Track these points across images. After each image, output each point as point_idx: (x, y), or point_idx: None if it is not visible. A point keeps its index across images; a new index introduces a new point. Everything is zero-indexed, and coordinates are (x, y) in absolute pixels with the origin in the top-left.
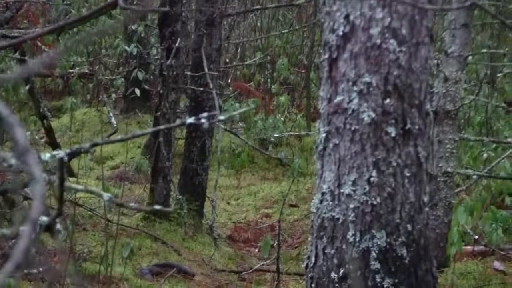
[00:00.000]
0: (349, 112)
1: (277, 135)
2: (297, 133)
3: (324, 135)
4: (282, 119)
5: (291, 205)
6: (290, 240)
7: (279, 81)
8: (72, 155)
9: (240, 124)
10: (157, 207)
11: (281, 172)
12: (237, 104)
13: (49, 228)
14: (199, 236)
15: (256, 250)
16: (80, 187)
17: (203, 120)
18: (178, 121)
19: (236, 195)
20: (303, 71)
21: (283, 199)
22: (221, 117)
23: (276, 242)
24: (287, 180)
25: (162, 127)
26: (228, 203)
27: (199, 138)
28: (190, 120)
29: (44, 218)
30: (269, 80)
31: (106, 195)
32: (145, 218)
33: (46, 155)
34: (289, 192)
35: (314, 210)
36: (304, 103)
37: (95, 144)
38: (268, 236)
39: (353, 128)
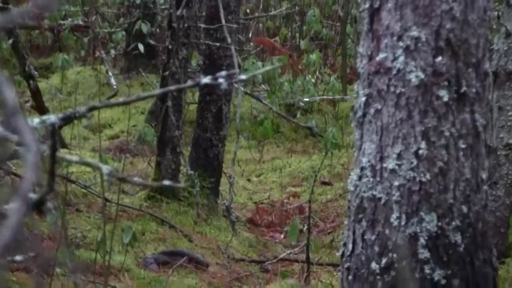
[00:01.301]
0: (394, 72)
1: (307, 100)
2: (330, 98)
3: (363, 99)
4: (312, 80)
5: (324, 183)
6: (322, 224)
7: (309, 35)
8: (65, 120)
9: (263, 86)
10: (166, 182)
11: (312, 144)
12: (259, 63)
13: (37, 208)
14: (214, 219)
15: (282, 236)
16: (74, 158)
17: (220, 80)
18: (190, 82)
19: (258, 170)
20: (337, 23)
21: (314, 176)
22: (242, 77)
23: (305, 227)
24: (318, 153)
25: (171, 88)
26: (249, 180)
27: (214, 103)
28: (205, 80)
29: (33, 195)
30: (297, 34)
31: (105, 168)
32: (150, 197)
33: (35, 121)
34: (321, 167)
35: (352, 189)
36: (339, 62)
37: (93, 108)
38: (296, 219)
39: (398, 91)
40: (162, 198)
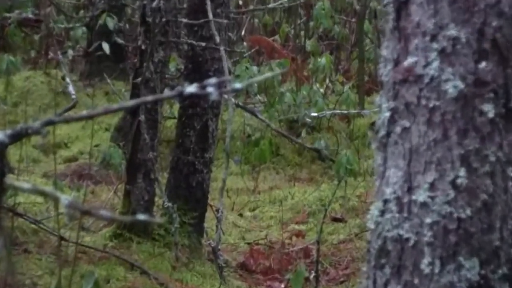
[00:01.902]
0: (426, 80)
1: (314, 115)
2: (344, 112)
3: (387, 114)
4: (321, 90)
5: (335, 219)
6: (333, 271)
7: (317, 34)
8: (14, 138)
9: (258, 97)
10: (139, 216)
11: (320, 170)
12: (254, 68)
13: None
14: (197, 264)
15: (282, 286)
16: (26, 185)
17: (209, 89)
18: (169, 91)
19: (252, 203)
20: (353, 19)
21: (323, 210)
22: (237, 85)
23: (312, 274)
24: (328, 182)
25: (146, 98)
26: (241, 215)
27: (198, 118)
28: (190, 89)
29: None
30: (302, 32)
31: (64, 198)
32: (117, 236)
33: None
34: (332, 199)
35: (372, 227)
36: (355, 67)
37: (49, 123)
38: (301, 265)
39: (431, 105)
40: (131, 236)
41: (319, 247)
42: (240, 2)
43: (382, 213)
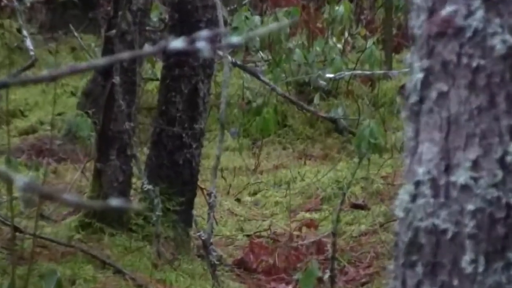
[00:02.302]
0: (468, 34)
1: (330, 77)
2: (367, 73)
3: (420, 76)
4: (339, 46)
5: (356, 206)
6: (353, 270)
7: None
8: None
9: (261, 54)
10: (112, 202)
11: (337, 145)
12: (256, 18)
13: None
14: (184, 261)
15: None
16: None
17: (200, 44)
18: (148, 47)
19: (253, 185)
20: None
21: (340, 195)
22: (235, 40)
23: (327, 274)
24: (347, 160)
25: (121, 55)
26: (239, 201)
27: (186, 80)
28: (176, 43)
29: None
30: None
31: (19, 178)
32: (85, 226)
33: None
34: (352, 181)
35: (401, 215)
36: (380, 17)
37: (3, 85)
38: (313, 262)
39: (474, 64)
40: (103, 227)
41: (335, 240)
42: None
43: (414, 198)
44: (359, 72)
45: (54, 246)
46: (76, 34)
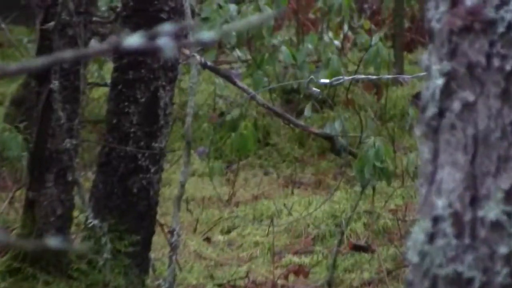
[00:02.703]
0: (500, 29)
1: (325, 82)
2: (372, 78)
3: (440, 82)
4: (337, 43)
5: (357, 247)
6: None
7: None
8: None
9: (238, 54)
10: (50, 241)
11: (333, 170)
12: (232, 7)
13: None
14: None
15: None
16: None
17: (161, 41)
18: (95, 43)
19: (226, 220)
20: None
21: (337, 233)
22: (205, 35)
23: None
24: (346, 189)
25: (63, 55)
26: (208, 240)
27: (144, 86)
28: (132, 39)
29: None
30: None
31: None
32: (13, 272)
33: None
34: (353, 216)
35: (415, 260)
36: (390, 6)
37: None
38: None
39: (508, 67)
40: (36, 273)
41: None
42: None
43: (431, 238)
44: (362, 76)
45: None
46: (3, 25)
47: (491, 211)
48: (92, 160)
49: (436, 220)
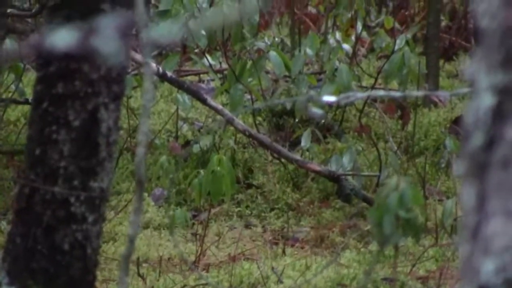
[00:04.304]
0: None
1: (329, 101)
2: (395, 94)
3: (490, 101)
4: (346, 47)
5: None
6: None
7: None
8: None
9: (209, 61)
10: None
11: (340, 221)
12: None
13: None
14: None
15: None
16: None
17: (101, 40)
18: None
19: None
20: None
21: None
22: (162, 33)
23: None
24: (357, 248)
25: None
26: None
27: (78, 103)
28: (61, 37)
29: None
30: None
31: None
32: None
33: None
34: (367, 285)
35: None
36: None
37: None
38: None
39: None
40: None
41: None
42: None
43: None
44: (381, 93)
45: None
46: None
47: None
48: (7, 205)
49: None
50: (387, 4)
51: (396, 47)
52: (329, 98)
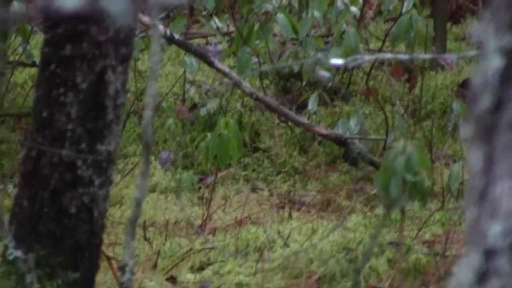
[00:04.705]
0: None
1: (337, 63)
2: (402, 57)
3: (498, 63)
4: (354, 9)
5: None
6: None
7: None
8: None
9: (217, 23)
10: None
11: (347, 185)
12: None
13: None
14: None
15: None
16: None
17: (110, 2)
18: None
19: (199, 253)
20: None
21: (352, 271)
22: None
23: None
24: (364, 211)
25: None
26: (173, 280)
27: (85, 65)
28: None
29: None
30: None
31: None
32: None
33: None
34: (373, 249)
35: None
36: None
37: None
38: None
39: None
40: None
41: None
42: None
43: (482, 277)
44: (388, 55)
45: None
46: None
47: None
48: (13, 168)
49: (489, 253)
50: None
51: (404, 10)
52: (337, 61)
